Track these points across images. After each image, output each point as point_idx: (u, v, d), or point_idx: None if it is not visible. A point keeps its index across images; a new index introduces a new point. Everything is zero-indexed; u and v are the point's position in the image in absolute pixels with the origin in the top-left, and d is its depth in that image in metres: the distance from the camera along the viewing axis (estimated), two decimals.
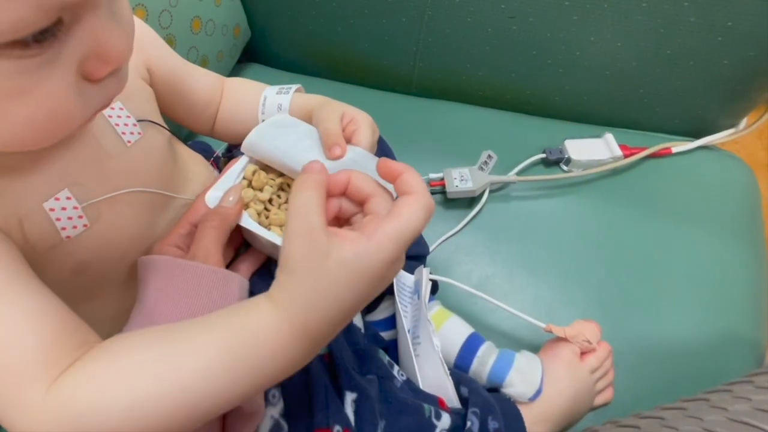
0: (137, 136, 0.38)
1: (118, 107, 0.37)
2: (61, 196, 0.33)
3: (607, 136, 0.68)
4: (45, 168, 0.32)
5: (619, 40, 0.66)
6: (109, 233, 0.36)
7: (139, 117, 0.38)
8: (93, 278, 0.36)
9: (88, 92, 0.27)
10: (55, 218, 0.32)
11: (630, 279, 0.57)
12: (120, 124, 0.37)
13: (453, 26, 0.71)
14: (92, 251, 0.35)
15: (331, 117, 0.42)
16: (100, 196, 0.35)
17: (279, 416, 0.32)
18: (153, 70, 0.43)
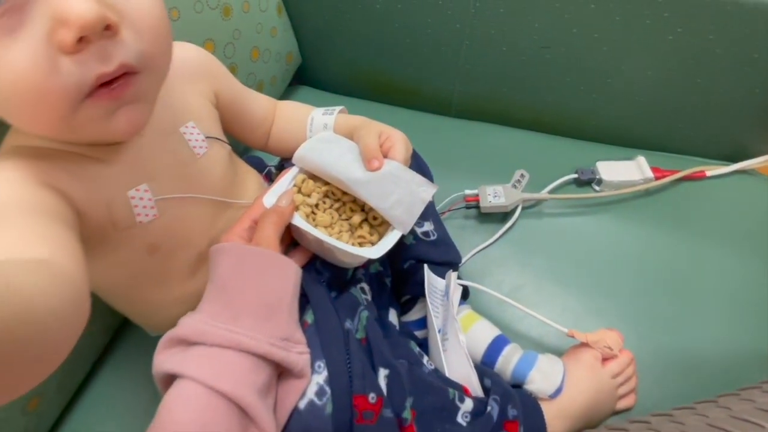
0: (205, 149, 0.47)
1: (191, 126, 0.47)
2: (141, 188, 0.42)
3: (640, 159, 0.72)
4: (131, 164, 0.41)
5: (649, 69, 0.72)
6: (175, 224, 0.45)
7: (207, 134, 0.48)
8: (163, 259, 0.45)
9: (65, 66, 0.30)
10: (133, 205, 0.41)
11: (658, 295, 0.60)
12: (192, 140, 0.46)
13: (490, 55, 0.79)
14: (160, 236, 0.44)
15: (370, 134, 0.50)
16: (170, 194, 0.44)
17: (323, 383, 0.39)
18: (219, 95, 0.53)
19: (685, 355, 0.55)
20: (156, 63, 0.36)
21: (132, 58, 0.33)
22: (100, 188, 0.40)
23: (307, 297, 0.45)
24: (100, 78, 0.32)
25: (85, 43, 0.30)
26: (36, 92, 0.30)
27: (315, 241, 0.47)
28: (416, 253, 0.56)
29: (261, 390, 0.36)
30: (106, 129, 0.35)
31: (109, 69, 0.32)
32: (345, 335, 0.42)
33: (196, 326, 0.37)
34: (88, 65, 0.31)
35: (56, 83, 0.30)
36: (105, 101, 0.33)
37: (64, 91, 0.31)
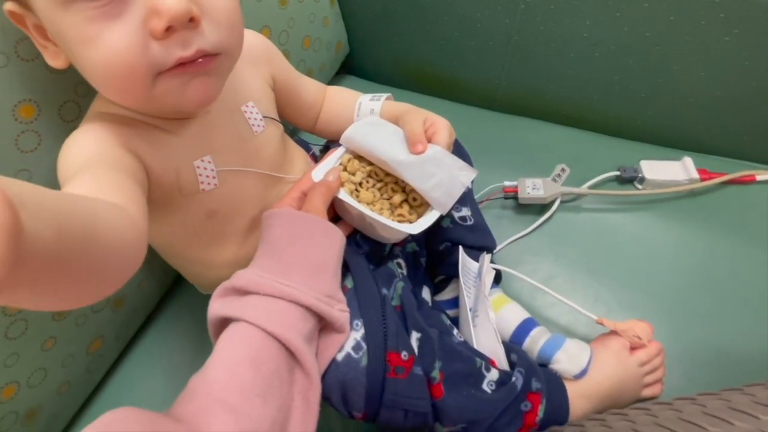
0: (262, 128, 0.54)
1: (251, 105, 0.53)
2: (206, 159, 0.49)
3: (686, 160, 0.74)
4: (198, 137, 0.48)
5: (703, 70, 0.74)
6: (232, 193, 0.51)
7: (264, 114, 0.54)
8: (219, 224, 0.52)
9: (153, 49, 0.37)
10: (198, 174, 0.48)
11: (693, 293, 0.63)
12: (251, 118, 0.53)
13: (538, 50, 0.82)
14: (219, 203, 0.51)
15: (416, 120, 0.55)
16: (230, 167, 0.50)
17: (360, 339, 0.44)
18: (276, 78, 0.59)
19: (715, 352, 0.57)
20: (229, 49, 0.42)
21: (208, 46, 0.39)
22: (170, 157, 0.46)
23: (347, 265, 0.50)
24: (179, 60, 0.38)
25: (172, 32, 0.37)
26: (127, 67, 0.37)
27: (357, 215, 0.52)
28: (452, 235, 0.60)
29: (307, 337, 0.41)
30: (181, 98, 0.41)
31: (187, 54, 0.38)
32: (381, 299, 0.47)
33: (251, 278, 0.43)
34: (171, 50, 0.38)
35: (144, 61, 0.37)
36: (179, 73, 0.39)
37: (149, 68, 0.37)
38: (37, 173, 0.50)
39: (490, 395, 0.46)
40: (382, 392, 0.43)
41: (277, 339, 0.40)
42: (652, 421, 0.43)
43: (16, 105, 0.46)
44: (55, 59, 0.42)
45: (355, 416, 0.45)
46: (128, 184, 0.39)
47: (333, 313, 0.43)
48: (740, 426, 0.39)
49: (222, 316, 0.42)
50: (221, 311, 0.42)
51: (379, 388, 0.43)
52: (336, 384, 0.43)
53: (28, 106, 0.47)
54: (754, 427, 0.39)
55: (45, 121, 0.49)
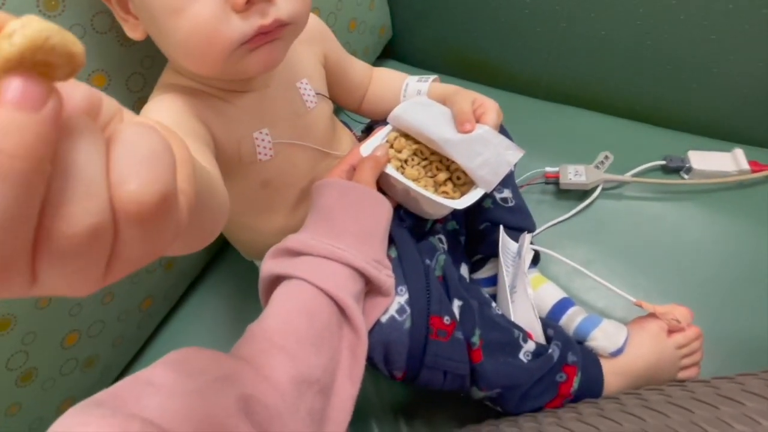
0: (314, 104, 0.58)
1: (305, 82, 0.58)
2: (264, 131, 0.53)
3: (737, 151, 0.75)
4: (257, 110, 0.53)
5: (761, 60, 0.74)
6: (285, 165, 0.56)
7: (317, 91, 0.59)
8: (272, 193, 0.57)
9: (233, 20, 0.40)
10: (257, 144, 0.53)
11: (736, 284, 0.64)
12: (305, 94, 0.57)
13: (586, 38, 0.84)
14: (273, 173, 0.55)
15: (465, 100, 0.58)
16: (285, 140, 0.55)
17: (404, 303, 0.48)
18: (327, 57, 0.64)
19: (756, 341, 0.59)
20: (299, 19, 0.46)
21: (284, 15, 0.44)
22: (234, 127, 0.51)
23: (391, 237, 0.54)
24: (259, 29, 0.42)
25: (251, 5, 0.41)
26: (211, 37, 0.41)
27: (403, 190, 0.56)
28: (493, 216, 0.64)
29: (356, 297, 0.46)
30: (249, 60, 0.45)
31: (267, 22, 0.42)
32: (425, 268, 0.51)
33: (304, 240, 0.47)
34: (251, 20, 0.42)
35: (227, 32, 0.41)
36: (258, 42, 0.44)
37: (231, 38, 0.42)
38: None
39: (526, 364, 0.50)
40: (423, 354, 0.47)
41: (329, 295, 0.44)
42: (689, 395, 0.45)
43: (90, 74, 0.52)
44: (134, 31, 0.47)
45: (395, 376, 0.49)
46: (206, 151, 0.44)
47: (380, 277, 0.47)
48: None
49: (275, 274, 0.47)
50: (275, 269, 0.47)
51: (421, 349, 0.47)
52: (379, 344, 0.47)
53: (101, 75, 0.53)
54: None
55: (114, 90, 0.54)
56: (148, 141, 0.19)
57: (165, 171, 0.18)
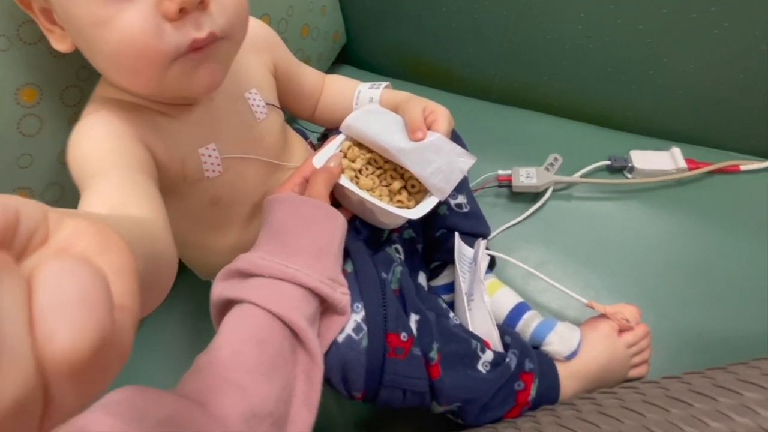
0: (264, 115, 0.53)
1: (254, 92, 0.53)
2: (210, 147, 0.48)
3: (674, 150, 0.75)
4: (203, 125, 0.48)
5: (692, 62, 0.74)
6: (235, 180, 0.51)
7: (267, 101, 0.54)
8: (222, 210, 0.52)
9: (166, 31, 0.36)
10: (203, 161, 0.48)
11: (680, 279, 0.63)
12: (254, 105, 0.53)
13: (533, 42, 0.82)
14: (222, 190, 0.51)
15: (416, 108, 0.55)
16: (234, 154, 0.50)
17: (360, 321, 0.44)
18: (277, 65, 0.59)
19: (700, 336, 0.59)
20: (234, 33, 0.42)
21: (218, 28, 0.39)
22: (177, 144, 0.46)
23: (347, 250, 0.50)
24: (194, 43, 0.38)
25: (184, 14, 0.37)
26: (142, 50, 0.36)
27: (357, 201, 0.52)
28: (448, 222, 0.61)
29: (309, 318, 0.42)
30: (190, 82, 0.40)
31: (202, 35, 0.38)
32: (381, 282, 0.48)
33: (254, 260, 0.43)
34: (185, 31, 0.37)
35: (160, 44, 0.37)
36: (193, 57, 0.39)
37: (164, 51, 0.37)
38: (39, 158, 0.49)
39: (485, 375, 0.47)
40: (381, 372, 0.44)
41: (281, 319, 0.40)
42: (641, 398, 0.44)
43: (18, 89, 0.46)
44: (61, 43, 0.41)
45: (354, 396, 0.45)
46: (149, 185, 0.39)
47: (335, 296, 0.44)
48: (723, 402, 0.40)
49: (226, 298, 0.42)
50: (225, 293, 0.43)
51: (378, 368, 0.43)
52: (336, 364, 0.43)
53: (31, 89, 0.47)
54: (737, 402, 0.40)
55: (47, 106, 0.48)
56: (75, 280, 0.15)
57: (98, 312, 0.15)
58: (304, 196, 0.49)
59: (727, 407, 0.40)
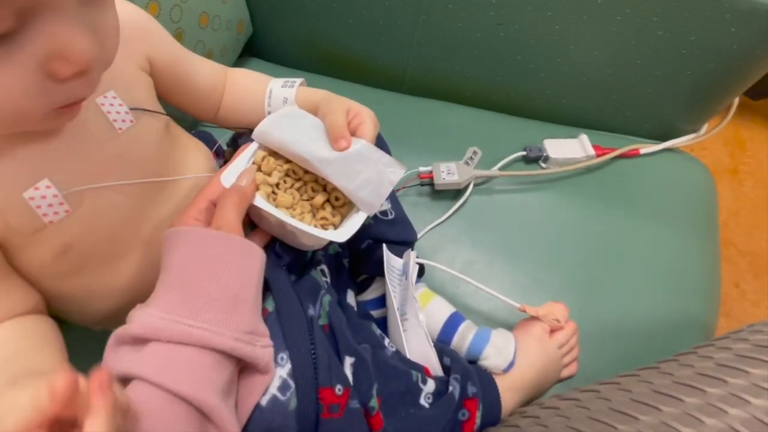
0: (128, 123, 0.39)
1: (111, 96, 0.39)
2: (41, 186, 0.34)
3: (582, 137, 0.72)
4: (24, 158, 0.34)
5: (596, 49, 0.70)
6: (94, 217, 0.37)
7: (133, 105, 0.40)
8: (77, 258, 0.38)
9: (52, 91, 0.28)
10: (35, 206, 0.34)
11: (596, 266, 0.61)
12: (112, 112, 0.38)
13: (445, 30, 0.74)
14: (76, 233, 0.37)
15: (337, 111, 0.45)
16: (85, 183, 0.36)
17: (287, 376, 0.35)
18: (154, 59, 0.45)
19: (620, 323, 0.56)
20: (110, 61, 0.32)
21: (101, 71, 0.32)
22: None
23: (266, 282, 0.40)
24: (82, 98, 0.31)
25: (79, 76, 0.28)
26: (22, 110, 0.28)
27: (277, 223, 0.42)
28: (374, 232, 0.52)
29: (223, 389, 0.32)
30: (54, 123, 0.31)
31: (92, 89, 0.31)
32: (308, 323, 0.39)
33: (149, 322, 0.32)
34: (73, 90, 0.30)
35: (43, 106, 0.29)
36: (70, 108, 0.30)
37: (46, 114, 0.29)
38: None
39: (428, 410, 0.40)
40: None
41: (186, 400, 0.30)
42: (586, 414, 0.39)
43: None
44: None
45: None
46: None
47: (256, 353, 0.34)
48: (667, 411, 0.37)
49: (118, 374, 0.32)
50: (117, 366, 0.32)
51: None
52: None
53: None
54: (680, 410, 0.36)
55: None
56: None
57: None
58: (211, 229, 0.38)
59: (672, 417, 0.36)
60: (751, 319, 1.04)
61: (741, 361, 0.38)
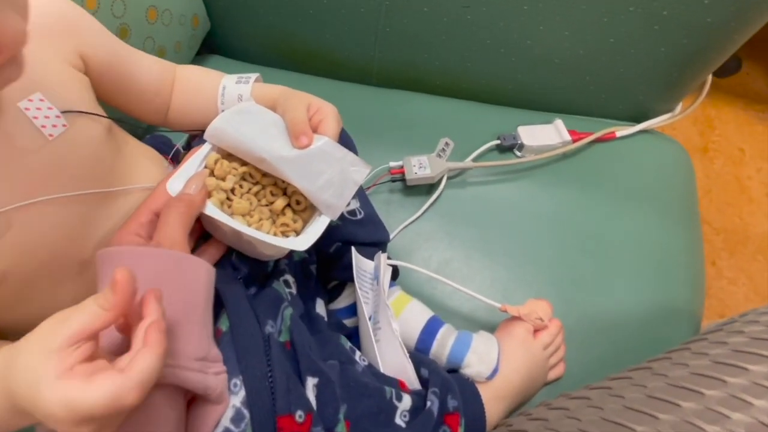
0: (61, 128, 0.34)
1: (38, 99, 0.33)
2: None
3: (557, 122, 0.68)
4: None
5: (567, 29, 0.66)
6: (28, 238, 0.32)
7: (65, 108, 0.34)
8: (14, 286, 0.33)
9: None
10: None
11: (578, 257, 0.57)
12: (39, 117, 0.33)
13: (410, 16, 0.69)
14: (9, 260, 0.32)
15: (298, 107, 0.40)
16: (11, 202, 0.31)
17: (240, 405, 0.31)
18: (88, 56, 0.39)
19: (608, 317, 0.53)
20: None
21: None
22: None
23: (220, 299, 0.35)
24: None
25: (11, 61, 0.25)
26: None
27: (232, 232, 0.37)
28: (342, 234, 0.47)
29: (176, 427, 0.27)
30: None
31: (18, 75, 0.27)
32: (266, 342, 0.34)
33: None
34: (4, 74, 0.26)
35: None
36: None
37: None
38: None
39: (404, 430, 0.36)
40: None
41: None
42: (577, 427, 0.35)
43: None
44: None
45: None
46: None
47: (208, 381, 0.29)
48: (664, 419, 0.33)
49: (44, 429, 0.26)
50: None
51: None
52: None
53: None
54: (678, 417, 0.32)
55: None
56: None
57: None
58: (148, 246, 0.33)
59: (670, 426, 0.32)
60: (731, 297, 1.03)
61: (739, 357, 0.34)
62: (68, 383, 0.23)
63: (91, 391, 0.23)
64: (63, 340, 0.24)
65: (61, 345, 0.24)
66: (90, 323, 0.25)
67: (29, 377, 0.24)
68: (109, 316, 0.25)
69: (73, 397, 0.23)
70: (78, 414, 0.23)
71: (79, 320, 0.25)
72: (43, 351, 0.24)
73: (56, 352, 0.24)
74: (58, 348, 0.24)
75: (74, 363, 0.24)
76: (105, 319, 0.25)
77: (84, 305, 0.25)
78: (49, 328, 0.25)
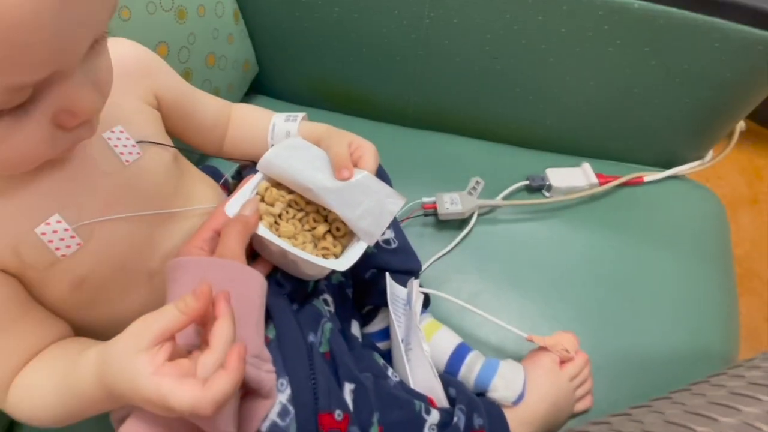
0: (135, 156, 0.40)
1: (119, 130, 0.40)
2: (52, 221, 0.35)
3: (585, 165, 0.72)
4: (35, 193, 0.35)
5: (592, 79, 0.71)
6: (105, 248, 0.38)
7: (139, 138, 0.41)
8: (92, 289, 0.39)
9: (60, 138, 0.31)
10: (47, 241, 0.35)
11: (606, 295, 0.60)
12: (119, 146, 0.39)
13: (443, 65, 0.76)
14: (89, 266, 0.38)
15: (340, 143, 0.46)
16: (95, 216, 0.37)
17: (287, 401, 0.35)
18: (160, 95, 0.46)
19: (635, 355, 0.54)
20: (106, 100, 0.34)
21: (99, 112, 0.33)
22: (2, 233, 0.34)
23: (268, 310, 0.40)
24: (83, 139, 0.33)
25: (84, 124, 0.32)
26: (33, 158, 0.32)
27: (279, 252, 0.42)
28: (377, 261, 0.52)
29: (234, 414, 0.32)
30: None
31: (93, 132, 0.34)
32: (308, 349, 0.38)
33: None
34: (78, 134, 0.32)
35: (52, 150, 0.32)
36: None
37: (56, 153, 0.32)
38: None
39: None
40: None
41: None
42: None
43: None
44: None
45: None
46: None
47: (260, 377, 0.34)
48: None
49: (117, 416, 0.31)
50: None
51: None
52: None
53: None
54: None
55: None
56: None
57: None
58: (213, 257, 0.38)
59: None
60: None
61: (754, 389, 0.36)
62: (162, 380, 0.28)
63: (179, 393, 0.28)
64: (150, 341, 0.29)
65: (148, 345, 0.29)
66: (171, 325, 0.30)
67: (126, 376, 0.29)
68: (187, 320, 0.30)
69: (165, 393, 0.28)
70: (166, 405, 0.28)
71: (162, 323, 0.30)
72: (133, 351, 0.29)
73: (145, 352, 0.29)
74: (146, 347, 0.29)
75: (162, 361, 0.29)
76: (184, 321, 0.30)
77: (165, 310, 0.30)
78: (136, 332, 0.30)
